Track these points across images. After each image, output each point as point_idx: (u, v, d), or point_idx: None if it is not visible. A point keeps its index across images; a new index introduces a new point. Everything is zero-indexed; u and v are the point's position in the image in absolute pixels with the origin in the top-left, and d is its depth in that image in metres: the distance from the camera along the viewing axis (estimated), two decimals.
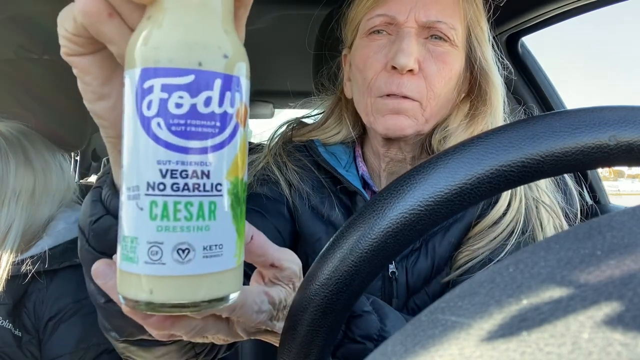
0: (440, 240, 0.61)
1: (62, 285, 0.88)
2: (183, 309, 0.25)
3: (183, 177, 0.24)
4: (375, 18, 0.58)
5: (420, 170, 0.27)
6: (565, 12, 0.94)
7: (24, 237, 0.89)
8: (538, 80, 1.19)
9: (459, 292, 0.17)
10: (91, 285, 0.41)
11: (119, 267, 0.25)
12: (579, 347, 0.12)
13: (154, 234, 0.24)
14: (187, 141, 0.24)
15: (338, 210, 0.64)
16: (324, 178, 0.66)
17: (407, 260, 0.61)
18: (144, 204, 0.24)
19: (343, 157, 0.68)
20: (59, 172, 0.96)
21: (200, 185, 0.24)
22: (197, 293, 0.25)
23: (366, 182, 0.68)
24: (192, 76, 0.23)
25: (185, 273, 0.24)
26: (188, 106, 0.23)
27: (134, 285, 0.24)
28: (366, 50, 0.59)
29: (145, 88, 0.24)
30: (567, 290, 0.14)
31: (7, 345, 0.86)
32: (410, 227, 0.26)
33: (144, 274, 0.24)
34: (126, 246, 0.24)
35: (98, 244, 0.37)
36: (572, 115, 0.25)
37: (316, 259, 0.29)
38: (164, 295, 0.24)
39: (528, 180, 0.26)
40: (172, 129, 0.23)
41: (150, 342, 0.44)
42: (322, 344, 0.29)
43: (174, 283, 0.24)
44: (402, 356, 0.15)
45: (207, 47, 0.24)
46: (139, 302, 0.25)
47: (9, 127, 0.91)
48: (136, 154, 0.24)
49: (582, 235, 0.17)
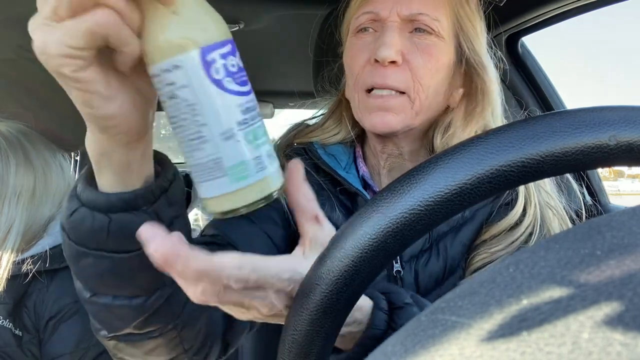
0: (452, 240, 0.61)
1: (63, 285, 0.88)
2: (265, 200, 0.35)
3: (252, 110, 0.34)
4: (361, 16, 0.59)
5: (420, 170, 0.27)
6: (565, 12, 0.94)
7: (24, 237, 0.89)
8: (538, 80, 1.19)
9: (459, 292, 0.17)
10: (77, 283, 0.43)
11: (224, 192, 0.34)
12: (579, 347, 0.12)
13: (253, 152, 0.34)
14: (245, 87, 0.34)
15: (339, 211, 0.64)
16: (323, 180, 0.66)
17: (417, 261, 0.61)
18: (240, 137, 0.33)
19: (343, 158, 0.68)
20: (59, 172, 0.96)
21: (258, 114, 0.35)
22: (271, 187, 0.35)
23: (367, 182, 0.68)
24: (229, 44, 0.34)
25: (264, 176, 0.35)
26: (237, 65, 0.34)
27: (240, 196, 0.34)
28: (354, 47, 0.61)
29: (209, 60, 0.32)
30: (567, 290, 0.14)
31: (8, 344, 0.86)
32: (410, 227, 0.26)
33: (256, 181, 0.34)
34: (234, 172, 0.34)
35: (76, 235, 0.39)
36: (572, 115, 0.25)
37: (316, 258, 0.29)
38: (254, 195, 0.34)
39: (528, 180, 0.26)
40: (237, 81, 0.33)
41: (139, 336, 0.44)
42: (322, 344, 0.29)
43: (259, 185, 0.35)
44: (402, 356, 0.15)
45: (224, 22, 0.34)
46: (236, 209, 0.35)
47: (9, 127, 0.91)
48: (219, 108, 0.33)
49: (582, 235, 0.17)
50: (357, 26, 0.60)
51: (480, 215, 0.62)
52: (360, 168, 0.68)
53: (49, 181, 0.93)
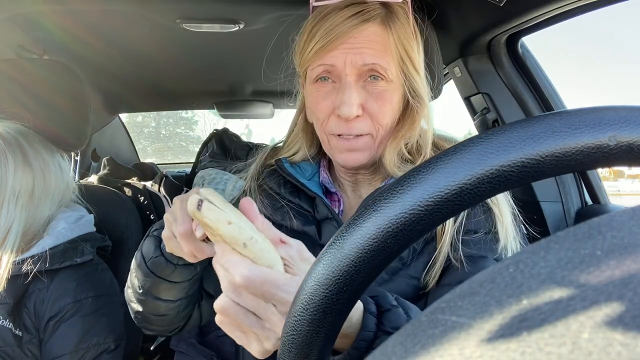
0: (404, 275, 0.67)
1: (63, 285, 0.88)
2: None
3: None
4: (317, 68, 0.66)
5: (420, 170, 0.27)
6: (565, 12, 0.93)
7: (24, 237, 0.89)
8: (538, 80, 1.19)
9: (459, 292, 0.17)
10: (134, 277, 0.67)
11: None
12: (579, 347, 0.12)
13: None
14: None
15: (296, 220, 0.72)
16: (286, 191, 0.75)
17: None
18: None
19: (308, 169, 0.77)
20: (58, 172, 0.96)
21: None
22: None
23: (328, 189, 0.76)
24: None
25: None
26: None
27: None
28: (315, 95, 0.68)
29: None
30: (567, 290, 0.14)
31: (8, 344, 0.86)
32: (410, 227, 0.26)
33: None
34: None
35: (147, 266, 0.62)
36: (572, 115, 0.25)
37: (316, 258, 0.29)
38: None
39: (528, 181, 0.26)
40: None
41: None
42: (322, 344, 0.29)
43: None
44: (403, 356, 0.15)
45: None
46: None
47: (6, 127, 0.91)
48: None
49: (582, 235, 0.17)
50: (316, 76, 0.66)
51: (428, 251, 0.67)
52: (321, 175, 0.77)
53: (47, 181, 0.93)
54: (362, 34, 0.63)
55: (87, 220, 0.99)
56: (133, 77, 1.73)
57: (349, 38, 0.63)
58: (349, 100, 0.63)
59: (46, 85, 1.01)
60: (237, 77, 1.83)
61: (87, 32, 1.24)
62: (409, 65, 0.67)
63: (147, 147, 12.42)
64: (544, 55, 32.93)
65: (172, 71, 1.69)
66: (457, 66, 1.29)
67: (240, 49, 1.44)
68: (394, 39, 0.65)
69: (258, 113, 2.22)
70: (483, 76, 1.24)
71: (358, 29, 0.63)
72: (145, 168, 1.82)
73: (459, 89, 1.39)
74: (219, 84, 1.92)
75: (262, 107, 2.19)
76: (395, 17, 0.66)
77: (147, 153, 12.40)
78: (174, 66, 1.62)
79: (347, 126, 0.65)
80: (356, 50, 0.63)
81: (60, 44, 1.30)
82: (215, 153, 1.75)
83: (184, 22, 1.15)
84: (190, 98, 2.17)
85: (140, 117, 12.11)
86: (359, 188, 0.76)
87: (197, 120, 13.28)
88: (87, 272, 0.92)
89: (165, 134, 14.07)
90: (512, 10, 0.96)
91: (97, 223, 1.02)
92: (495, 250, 0.66)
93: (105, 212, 1.12)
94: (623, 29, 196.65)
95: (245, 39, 1.30)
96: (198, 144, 2.21)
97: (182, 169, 2.54)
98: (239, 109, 2.18)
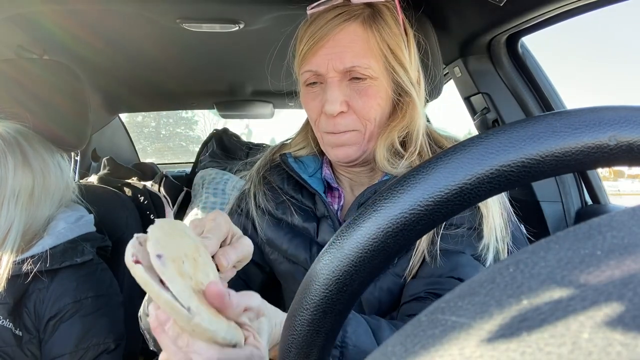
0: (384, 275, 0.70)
1: (63, 285, 0.88)
2: None
3: None
4: (305, 74, 0.70)
5: (420, 170, 0.27)
6: (565, 12, 0.94)
7: (24, 237, 0.89)
8: (538, 80, 1.19)
9: (459, 292, 0.17)
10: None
11: None
12: (579, 347, 0.12)
13: None
14: None
15: (297, 215, 0.75)
16: (289, 188, 0.78)
17: None
18: None
19: (311, 165, 0.80)
20: (58, 172, 0.96)
21: None
22: None
23: (330, 184, 0.78)
24: None
25: None
26: None
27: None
28: (307, 97, 0.73)
29: None
30: (567, 290, 0.14)
31: (8, 344, 0.86)
32: (410, 227, 0.26)
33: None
34: None
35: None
36: (572, 115, 0.25)
37: (316, 258, 0.29)
38: None
39: (528, 181, 0.26)
40: None
41: None
42: (322, 344, 0.29)
43: None
44: (402, 356, 0.15)
45: None
46: None
47: (6, 127, 0.91)
48: None
49: (582, 235, 0.17)
50: (305, 81, 0.71)
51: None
52: (324, 172, 0.79)
53: (47, 181, 0.93)
54: (341, 35, 0.66)
55: (87, 220, 0.99)
56: (133, 77, 1.73)
57: (328, 41, 0.66)
58: (331, 97, 0.67)
59: (46, 85, 1.01)
60: (237, 77, 1.83)
61: (87, 32, 1.24)
62: (394, 62, 0.69)
63: (147, 147, 12.41)
64: (544, 55, 33.11)
65: (172, 71, 1.69)
66: (457, 66, 1.29)
67: (240, 49, 1.44)
68: (375, 37, 0.67)
69: (258, 113, 2.22)
70: (483, 76, 1.25)
71: (338, 29, 0.66)
72: (145, 168, 1.83)
73: (459, 89, 1.39)
74: (219, 83, 1.92)
75: (262, 107, 2.19)
76: (379, 15, 0.68)
77: (147, 153, 12.40)
78: (174, 66, 1.62)
79: (333, 123, 0.69)
80: (336, 54, 0.66)
81: (60, 44, 1.30)
82: (215, 153, 1.75)
83: (184, 22, 1.15)
84: (190, 98, 2.17)
85: (140, 117, 12.10)
86: (357, 184, 0.78)
87: (197, 120, 13.28)
88: (87, 272, 0.92)
89: (165, 134, 14.06)
90: (512, 10, 0.96)
91: (97, 223, 1.02)
92: (475, 248, 0.66)
93: (105, 212, 1.12)
94: (623, 29, 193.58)
95: (245, 39, 1.30)
96: (198, 144, 2.21)
97: (182, 168, 2.54)
98: (239, 109, 2.18)
